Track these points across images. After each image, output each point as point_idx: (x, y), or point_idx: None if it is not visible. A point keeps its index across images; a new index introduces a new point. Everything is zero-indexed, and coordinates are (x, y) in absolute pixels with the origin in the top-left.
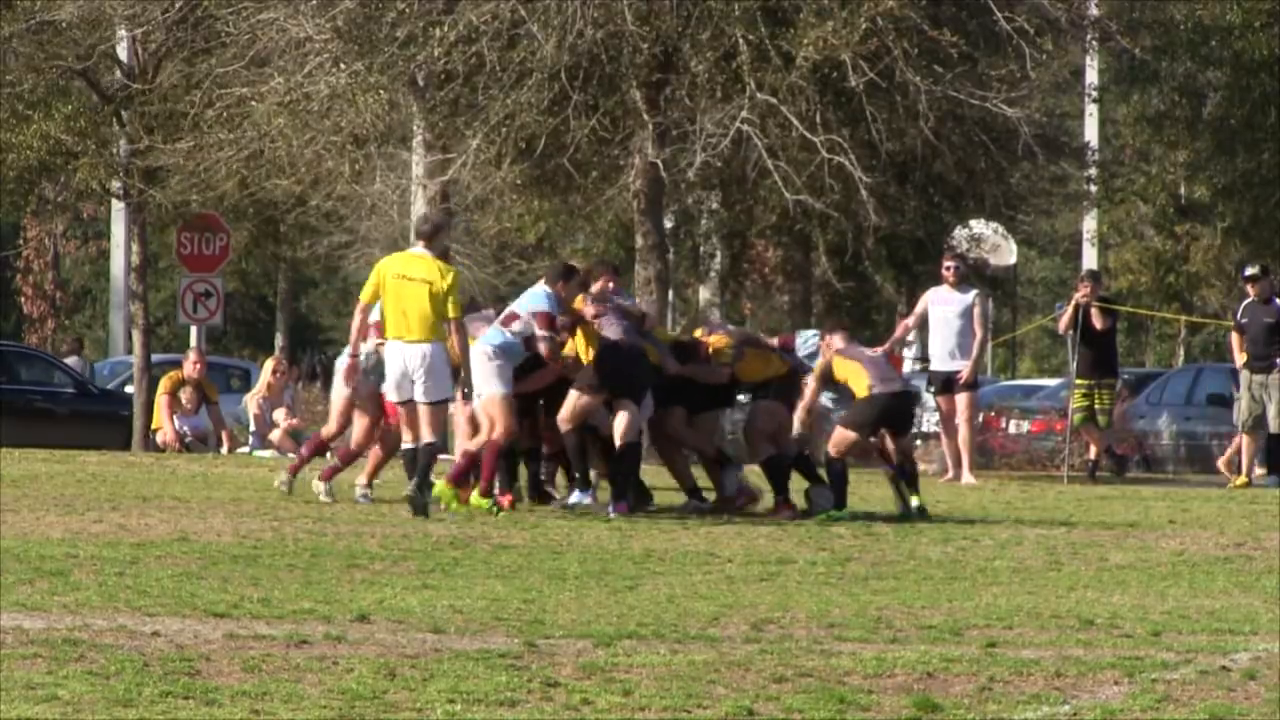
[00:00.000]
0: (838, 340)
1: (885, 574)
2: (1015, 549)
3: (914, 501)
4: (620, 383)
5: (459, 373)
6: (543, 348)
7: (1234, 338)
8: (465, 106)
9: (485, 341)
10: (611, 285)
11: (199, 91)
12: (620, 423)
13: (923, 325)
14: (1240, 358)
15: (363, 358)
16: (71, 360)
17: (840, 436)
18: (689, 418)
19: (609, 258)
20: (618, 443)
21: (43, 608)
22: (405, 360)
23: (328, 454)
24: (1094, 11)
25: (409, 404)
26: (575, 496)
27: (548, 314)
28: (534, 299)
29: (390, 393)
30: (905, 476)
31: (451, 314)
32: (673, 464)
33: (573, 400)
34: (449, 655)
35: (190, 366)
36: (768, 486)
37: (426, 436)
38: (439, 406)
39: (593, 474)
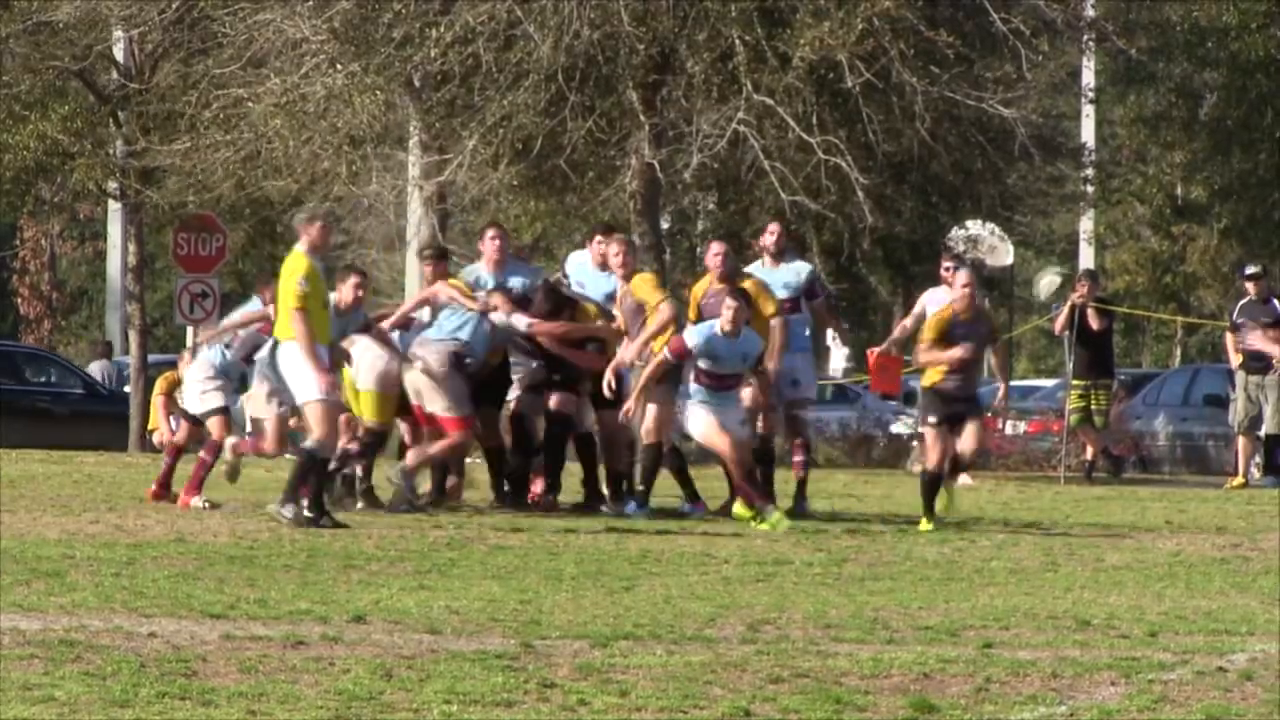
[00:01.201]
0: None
1: (882, 575)
2: (1012, 550)
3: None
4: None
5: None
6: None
7: (1228, 338)
8: (462, 107)
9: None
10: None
11: (195, 92)
12: (650, 420)
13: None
14: (1235, 358)
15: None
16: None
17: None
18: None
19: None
20: (648, 440)
21: (39, 608)
22: (276, 359)
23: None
24: (1090, 12)
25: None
26: (632, 507)
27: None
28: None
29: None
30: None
31: (290, 304)
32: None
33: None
34: (445, 656)
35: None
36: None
37: (306, 441)
38: (308, 408)
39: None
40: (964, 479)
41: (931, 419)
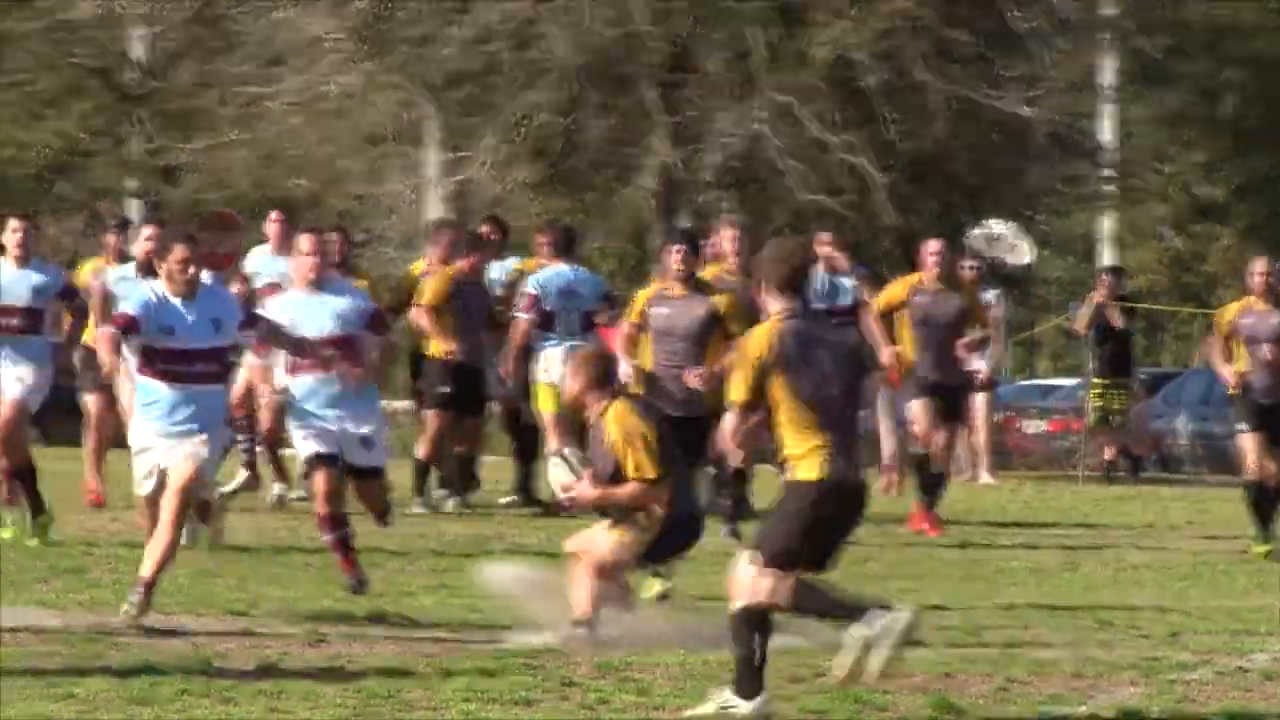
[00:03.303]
0: None
1: (903, 574)
2: (1033, 549)
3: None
4: None
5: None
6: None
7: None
8: (480, 106)
9: None
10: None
11: (214, 90)
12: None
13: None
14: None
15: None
16: None
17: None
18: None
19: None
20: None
21: (60, 605)
22: None
23: None
24: (1110, 11)
25: None
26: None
27: None
28: None
29: None
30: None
31: None
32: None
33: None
34: (465, 654)
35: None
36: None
37: None
38: None
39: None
40: (985, 478)
41: (1242, 425)
